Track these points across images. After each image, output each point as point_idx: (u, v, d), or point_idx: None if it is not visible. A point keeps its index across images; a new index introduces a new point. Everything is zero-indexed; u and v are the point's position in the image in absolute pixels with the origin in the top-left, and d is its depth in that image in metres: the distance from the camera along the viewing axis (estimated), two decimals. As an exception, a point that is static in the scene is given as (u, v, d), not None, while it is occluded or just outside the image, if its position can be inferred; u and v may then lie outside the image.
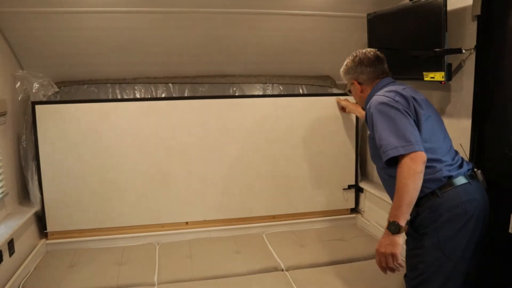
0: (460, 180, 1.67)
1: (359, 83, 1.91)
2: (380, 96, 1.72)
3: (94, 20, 2.49)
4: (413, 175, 1.55)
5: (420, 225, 1.72)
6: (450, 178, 1.67)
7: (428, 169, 1.62)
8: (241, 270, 2.39)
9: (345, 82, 2.02)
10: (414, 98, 1.69)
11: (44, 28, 2.48)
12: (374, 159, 1.89)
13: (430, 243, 1.68)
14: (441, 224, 1.66)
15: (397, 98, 1.67)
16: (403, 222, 1.58)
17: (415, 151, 1.56)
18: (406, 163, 1.56)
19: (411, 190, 1.56)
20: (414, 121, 1.65)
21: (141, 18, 2.52)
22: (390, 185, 1.75)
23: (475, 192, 1.69)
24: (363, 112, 2.06)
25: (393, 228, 1.59)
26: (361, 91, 1.92)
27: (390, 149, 1.59)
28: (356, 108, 2.78)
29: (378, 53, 1.91)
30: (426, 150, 1.61)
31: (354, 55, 1.92)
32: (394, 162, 1.62)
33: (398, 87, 1.77)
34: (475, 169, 1.76)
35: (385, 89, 1.78)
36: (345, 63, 1.96)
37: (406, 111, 1.64)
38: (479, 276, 2.00)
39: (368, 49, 1.93)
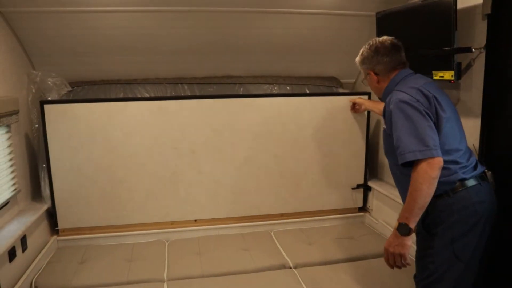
0: (472, 182, 1.67)
1: (375, 73, 1.84)
2: (401, 92, 1.66)
3: (104, 19, 2.52)
4: (428, 180, 1.54)
5: (431, 225, 1.71)
6: (463, 180, 1.66)
7: (443, 170, 1.60)
8: (250, 267, 2.41)
9: (361, 71, 1.95)
10: (435, 98, 1.64)
11: (55, 28, 2.51)
12: (388, 155, 1.86)
13: (440, 243, 1.68)
14: (451, 224, 1.65)
15: (419, 97, 1.62)
16: (413, 225, 1.59)
17: (433, 157, 1.54)
18: (422, 167, 1.54)
19: (425, 194, 1.55)
20: (434, 123, 1.62)
21: (151, 17, 2.55)
22: (402, 182, 1.77)
23: (485, 194, 1.69)
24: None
25: (403, 230, 1.60)
26: (378, 82, 1.85)
27: (408, 153, 1.57)
28: (376, 105, 2.66)
29: (395, 41, 1.82)
30: (444, 153, 1.60)
31: (371, 43, 1.84)
32: (409, 163, 1.59)
33: (419, 81, 1.71)
34: (486, 170, 1.75)
35: (405, 83, 1.73)
36: (360, 52, 1.87)
37: (426, 113, 1.60)
38: (495, 275, 1.99)
39: (385, 37, 1.84)
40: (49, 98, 2.68)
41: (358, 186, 3.10)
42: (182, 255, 2.55)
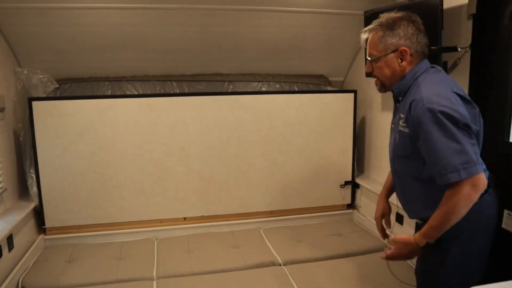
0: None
1: (410, 54, 1.47)
2: (433, 97, 1.34)
3: (92, 16, 2.49)
4: (469, 204, 1.33)
5: (442, 238, 1.45)
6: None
7: None
8: (239, 265, 2.42)
9: (376, 49, 1.51)
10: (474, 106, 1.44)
11: (41, 24, 2.48)
12: (400, 161, 1.59)
13: (451, 259, 1.49)
14: (465, 239, 1.46)
15: (460, 108, 1.33)
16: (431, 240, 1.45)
17: (477, 174, 1.31)
18: (466, 190, 1.31)
19: (460, 217, 1.35)
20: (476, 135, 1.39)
21: (140, 14, 2.53)
22: (414, 192, 1.53)
23: (493, 204, 1.51)
24: None
25: (422, 244, 1.45)
26: (402, 67, 1.49)
27: (451, 172, 1.31)
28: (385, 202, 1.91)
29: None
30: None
31: (403, 15, 1.49)
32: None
33: (447, 80, 1.45)
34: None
35: (432, 79, 1.44)
36: (386, 17, 1.51)
37: (467, 125, 1.34)
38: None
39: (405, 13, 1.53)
40: (35, 96, 2.65)
41: (346, 183, 3.13)
42: (172, 253, 2.55)
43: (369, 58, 1.56)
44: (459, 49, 2.03)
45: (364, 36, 1.58)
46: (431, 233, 1.41)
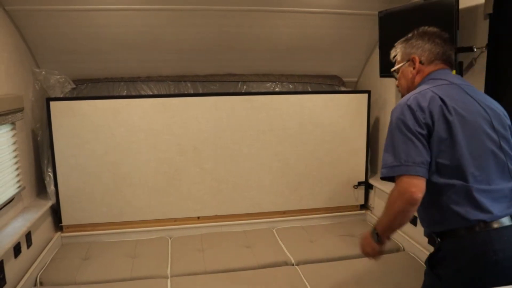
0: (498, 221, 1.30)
1: (420, 62, 1.51)
2: (401, 105, 1.47)
3: (108, 17, 2.53)
4: (398, 203, 1.34)
5: (437, 263, 1.41)
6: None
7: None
8: (252, 264, 2.43)
9: (397, 59, 1.63)
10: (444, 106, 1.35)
11: (59, 26, 2.53)
12: None
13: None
14: (462, 270, 1.33)
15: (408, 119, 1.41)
16: (385, 236, 1.46)
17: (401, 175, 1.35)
18: (398, 186, 1.36)
19: (396, 214, 1.36)
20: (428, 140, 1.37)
21: (155, 15, 2.57)
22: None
23: (497, 242, 1.29)
24: None
25: (375, 237, 1.48)
26: (416, 73, 1.53)
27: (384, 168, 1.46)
28: None
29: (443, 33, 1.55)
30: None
31: (418, 29, 1.59)
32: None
33: (431, 87, 1.43)
34: None
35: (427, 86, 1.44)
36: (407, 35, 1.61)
37: (415, 131, 1.39)
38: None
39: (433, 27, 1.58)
40: (53, 96, 2.71)
41: (360, 183, 3.12)
42: (185, 252, 2.57)
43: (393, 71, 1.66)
44: (475, 49, 2.01)
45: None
46: (379, 222, 1.46)
